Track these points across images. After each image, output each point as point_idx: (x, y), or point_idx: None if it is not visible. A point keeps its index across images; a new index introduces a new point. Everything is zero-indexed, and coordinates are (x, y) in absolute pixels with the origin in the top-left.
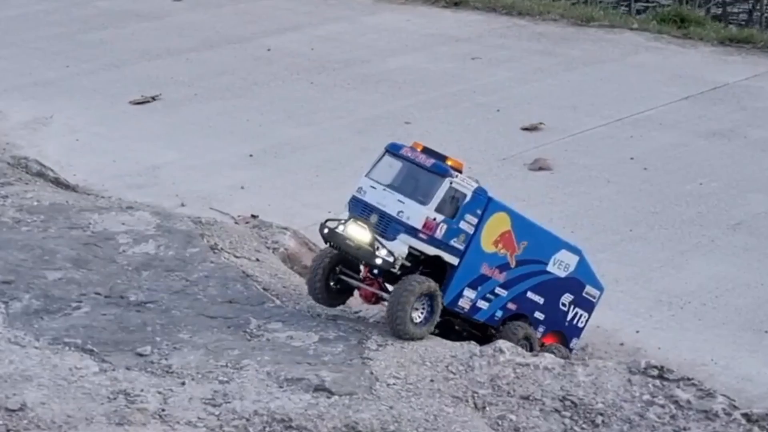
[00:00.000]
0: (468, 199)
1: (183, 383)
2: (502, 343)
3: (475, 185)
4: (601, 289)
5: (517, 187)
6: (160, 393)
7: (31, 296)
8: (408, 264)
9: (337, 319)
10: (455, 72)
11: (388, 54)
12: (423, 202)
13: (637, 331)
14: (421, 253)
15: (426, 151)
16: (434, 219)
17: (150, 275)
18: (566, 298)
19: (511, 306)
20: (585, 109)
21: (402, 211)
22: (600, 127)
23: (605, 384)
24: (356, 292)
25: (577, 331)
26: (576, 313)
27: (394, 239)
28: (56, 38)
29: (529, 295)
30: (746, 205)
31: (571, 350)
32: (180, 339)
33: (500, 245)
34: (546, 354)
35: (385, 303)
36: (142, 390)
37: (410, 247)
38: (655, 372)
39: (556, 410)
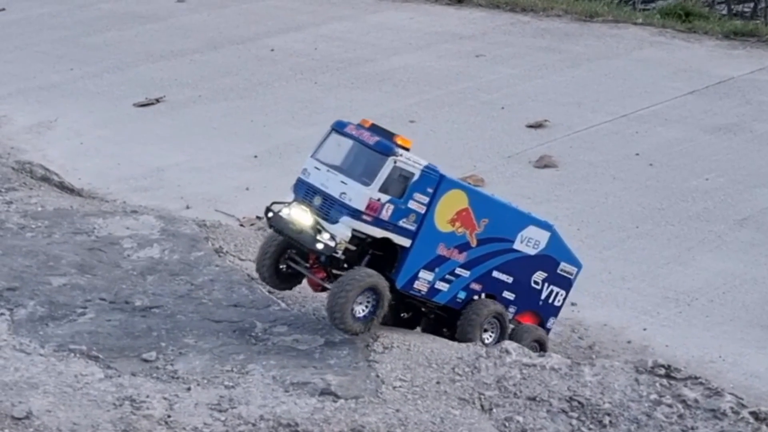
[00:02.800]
0: (416, 177)
1: (189, 389)
2: (508, 344)
3: (424, 163)
4: (578, 265)
5: (523, 185)
6: (165, 399)
7: (36, 303)
8: (353, 248)
9: None
10: (459, 70)
11: (391, 52)
12: (366, 183)
13: (645, 329)
14: (368, 236)
15: (373, 128)
16: (378, 200)
17: (155, 280)
18: (539, 276)
19: (476, 286)
20: (590, 105)
21: (344, 193)
22: (605, 123)
23: (612, 384)
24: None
25: (554, 310)
26: (551, 291)
27: (336, 222)
28: (60, 41)
29: (496, 274)
30: (753, 200)
31: (548, 330)
32: (185, 344)
33: (457, 224)
34: (553, 354)
35: None
36: (147, 396)
37: (354, 230)
38: (663, 371)
39: (563, 411)
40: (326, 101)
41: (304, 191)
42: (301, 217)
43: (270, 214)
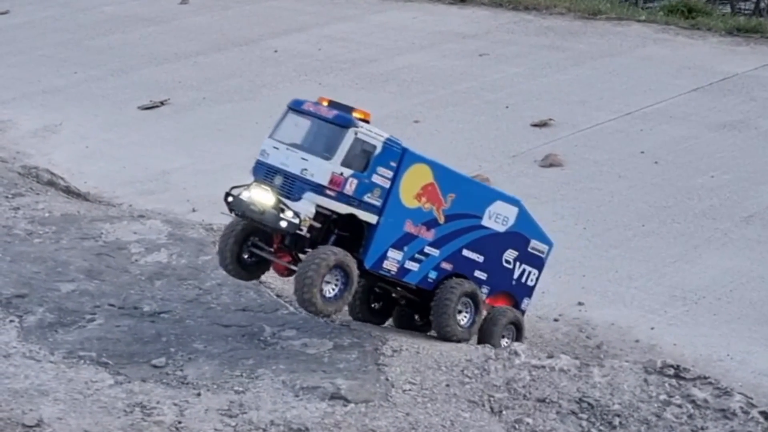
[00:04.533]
0: (379, 150)
1: (199, 394)
2: (517, 346)
3: (386, 135)
4: (549, 243)
5: (528, 184)
6: (176, 405)
7: (45, 309)
8: (318, 225)
9: (351, 325)
10: (463, 69)
11: (395, 52)
12: (327, 157)
13: (652, 328)
14: (332, 212)
15: (331, 104)
16: (341, 174)
17: (163, 285)
18: (510, 254)
19: (446, 266)
20: (594, 103)
21: (306, 169)
22: (610, 121)
23: (621, 384)
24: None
25: (528, 290)
26: (524, 271)
27: (300, 199)
28: (64, 45)
29: (465, 253)
30: (758, 197)
31: (523, 312)
32: (194, 349)
33: (423, 199)
34: (561, 355)
35: None
36: (158, 402)
37: (318, 206)
38: (672, 371)
39: (573, 412)
40: None
41: (264, 172)
42: (263, 197)
43: (230, 199)
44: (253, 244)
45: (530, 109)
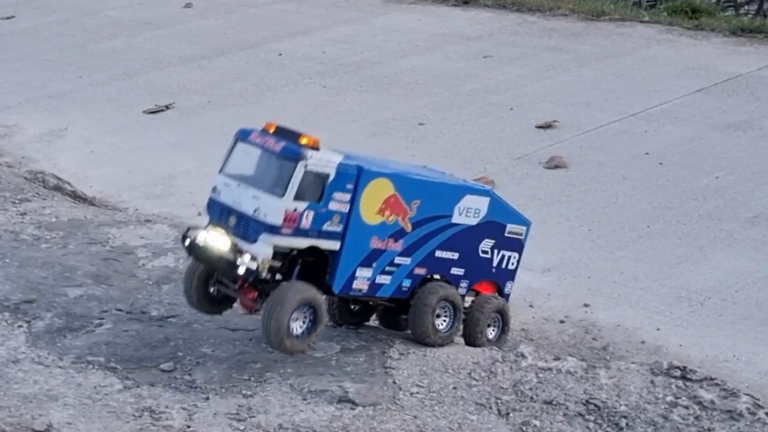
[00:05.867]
0: (332, 177)
1: (207, 398)
2: (524, 348)
3: (338, 160)
4: (526, 223)
5: (533, 186)
6: (184, 409)
7: (53, 314)
8: (278, 264)
9: (359, 329)
10: (467, 71)
11: (399, 55)
12: (279, 194)
13: (658, 329)
14: (292, 248)
15: (279, 132)
16: (295, 209)
17: (170, 289)
18: (486, 244)
19: (420, 271)
20: (598, 104)
21: (258, 208)
22: (614, 122)
23: (628, 386)
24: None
25: (510, 274)
26: (503, 257)
27: (255, 241)
28: (68, 49)
29: (439, 254)
30: (764, 198)
31: (507, 296)
32: (202, 353)
33: (387, 212)
34: (568, 357)
35: None
36: (166, 406)
37: (276, 246)
38: (678, 372)
39: (580, 414)
40: (335, 105)
41: (218, 212)
42: (218, 241)
43: (187, 242)
44: (218, 280)
45: (535, 110)
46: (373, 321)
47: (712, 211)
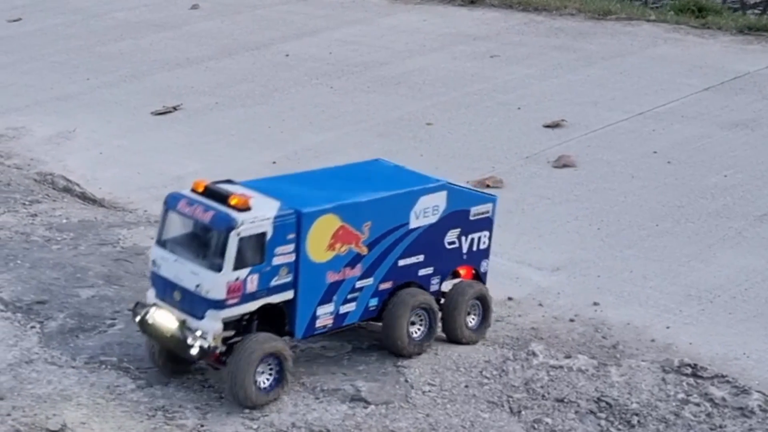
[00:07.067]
0: (270, 233)
1: (220, 397)
2: (534, 346)
3: (273, 214)
4: (491, 200)
5: (542, 185)
6: (198, 408)
7: (66, 315)
8: (232, 333)
9: (370, 328)
10: (474, 71)
11: (406, 55)
12: (216, 269)
13: (668, 327)
14: (244, 314)
15: (208, 192)
16: (237, 278)
17: None
18: (451, 235)
19: (385, 286)
20: (606, 104)
21: (199, 285)
22: (622, 121)
23: (639, 384)
24: None
25: (483, 253)
26: (472, 240)
27: (203, 317)
28: (75, 51)
29: (402, 263)
30: None
31: (484, 275)
32: None
33: (338, 245)
34: (579, 355)
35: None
36: (180, 406)
37: (225, 318)
38: (689, 370)
39: (592, 412)
40: (343, 106)
41: (162, 286)
42: (167, 320)
43: (137, 318)
44: None
45: (542, 110)
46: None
47: (721, 209)
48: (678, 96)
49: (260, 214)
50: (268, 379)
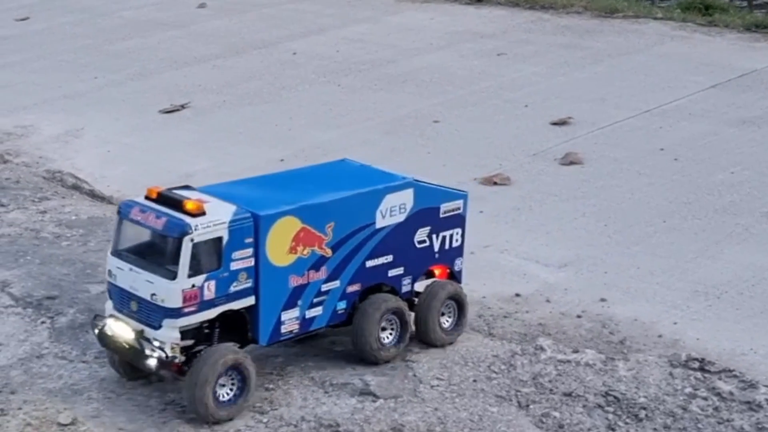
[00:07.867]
0: (227, 238)
1: None
2: (542, 341)
3: (228, 218)
4: (461, 196)
5: (549, 182)
6: None
7: (76, 310)
8: (191, 342)
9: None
10: (481, 69)
11: (413, 53)
12: (171, 277)
13: (675, 323)
14: (203, 322)
15: (161, 199)
16: (193, 286)
17: None
18: (421, 234)
19: (353, 288)
20: (613, 101)
21: (155, 294)
22: (629, 119)
23: (647, 378)
24: None
25: (456, 251)
26: (444, 238)
27: (160, 327)
28: (83, 50)
29: (370, 264)
30: None
31: (459, 274)
32: None
33: (300, 248)
34: (587, 350)
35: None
36: None
37: (182, 327)
38: (696, 364)
39: (599, 406)
40: (350, 103)
41: (118, 297)
42: (124, 331)
43: (96, 331)
44: None
45: (549, 107)
46: None
47: (728, 205)
48: (685, 93)
49: (215, 219)
50: (229, 393)
